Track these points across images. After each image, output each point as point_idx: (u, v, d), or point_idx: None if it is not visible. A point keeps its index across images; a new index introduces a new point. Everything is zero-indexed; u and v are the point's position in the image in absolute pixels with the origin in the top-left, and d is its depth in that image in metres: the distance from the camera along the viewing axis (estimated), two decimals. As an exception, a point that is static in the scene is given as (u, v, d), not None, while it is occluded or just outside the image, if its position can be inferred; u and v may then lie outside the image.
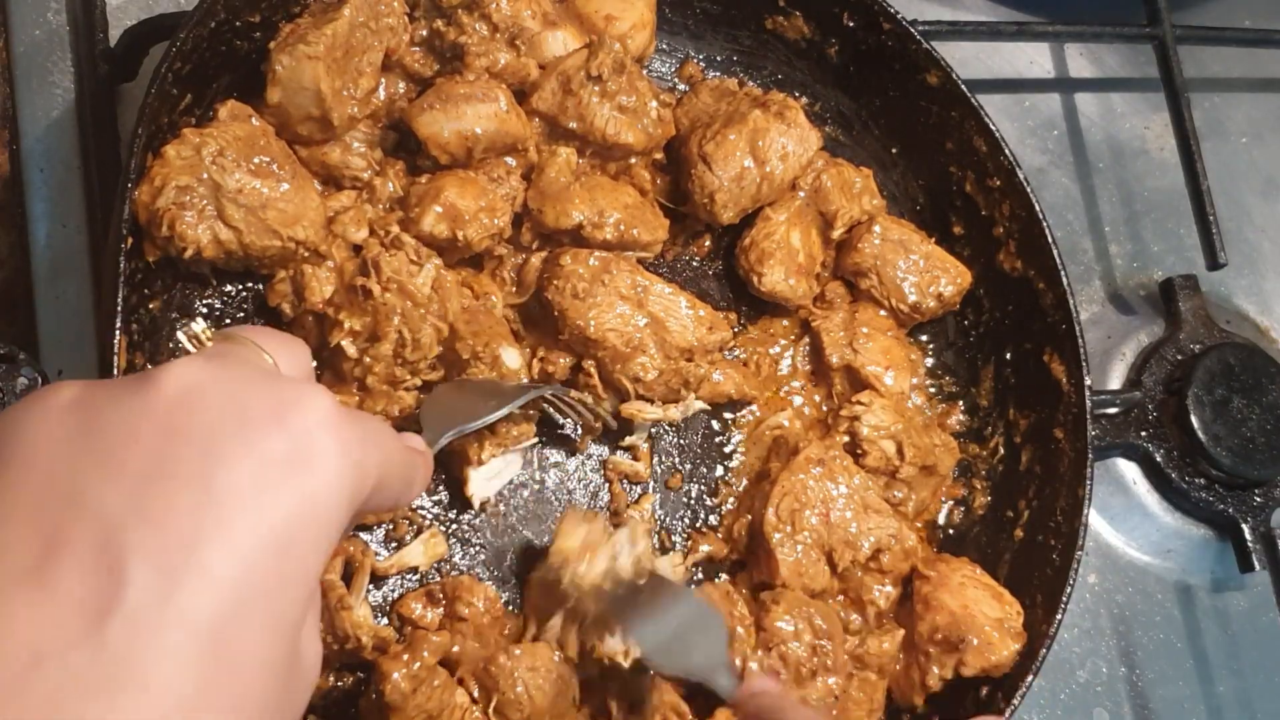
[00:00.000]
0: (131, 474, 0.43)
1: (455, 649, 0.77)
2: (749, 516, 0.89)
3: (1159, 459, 1.04)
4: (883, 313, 0.96)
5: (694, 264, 0.97)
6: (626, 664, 0.76)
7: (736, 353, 0.96)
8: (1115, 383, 1.08)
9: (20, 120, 0.89)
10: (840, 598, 0.88)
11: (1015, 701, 0.83)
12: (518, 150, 0.86)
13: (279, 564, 0.45)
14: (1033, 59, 1.20)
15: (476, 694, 0.77)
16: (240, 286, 0.83)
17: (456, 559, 0.84)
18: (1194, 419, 1.03)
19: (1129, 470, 1.07)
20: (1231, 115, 1.26)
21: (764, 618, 0.82)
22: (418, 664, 0.74)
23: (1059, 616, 0.85)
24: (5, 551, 0.42)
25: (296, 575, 0.46)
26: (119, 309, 0.69)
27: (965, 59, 1.14)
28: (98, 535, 0.42)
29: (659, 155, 0.93)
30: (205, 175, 0.74)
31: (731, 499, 0.92)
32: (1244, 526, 1.04)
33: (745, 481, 0.92)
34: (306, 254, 0.79)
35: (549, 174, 0.87)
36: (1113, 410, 1.04)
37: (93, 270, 0.86)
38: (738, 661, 0.81)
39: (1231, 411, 1.04)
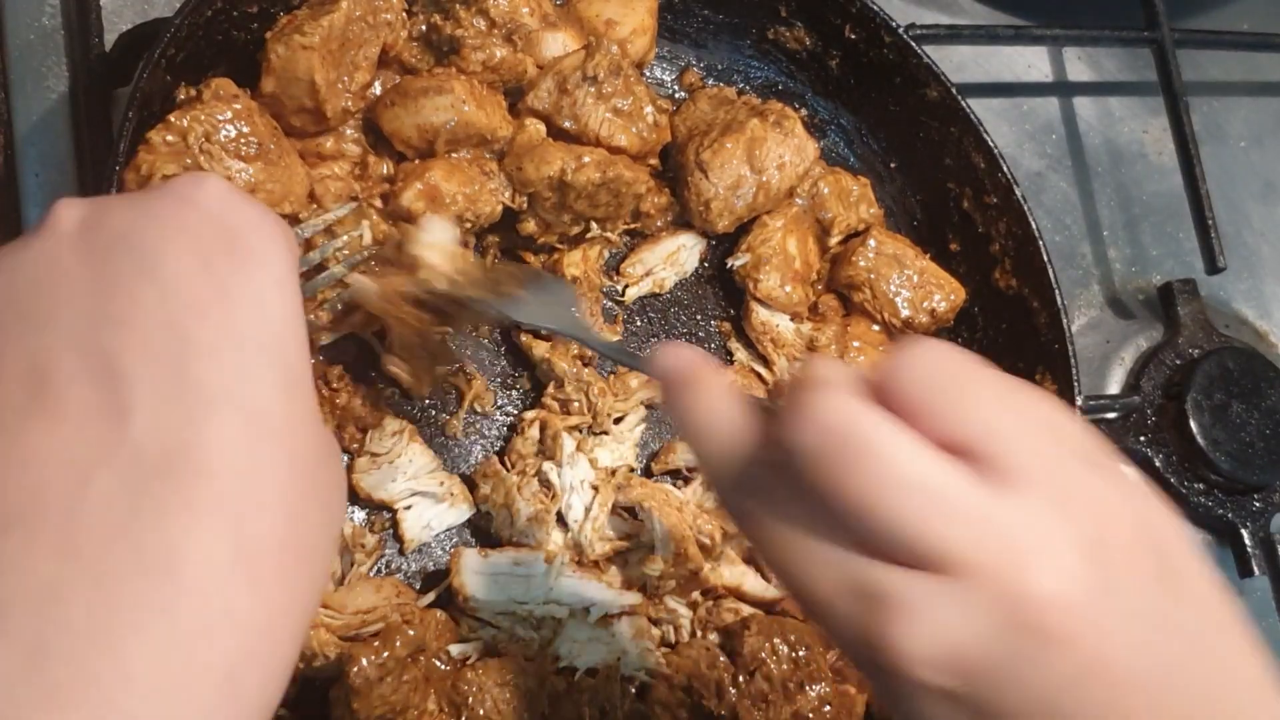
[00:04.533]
0: (74, 293, 0.43)
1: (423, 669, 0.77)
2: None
3: (1158, 464, 1.04)
4: (875, 327, 0.95)
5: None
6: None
7: (739, 354, 0.96)
8: (1114, 388, 1.08)
9: (15, 124, 0.89)
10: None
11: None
12: (488, 141, 0.85)
13: (263, 322, 0.45)
14: (1031, 63, 1.20)
15: (446, 709, 0.77)
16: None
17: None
18: (1193, 424, 1.03)
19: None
20: (1230, 119, 1.25)
21: (739, 646, 0.81)
22: (386, 653, 0.74)
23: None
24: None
25: (285, 322, 0.46)
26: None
27: (963, 63, 1.14)
28: (77, 352, 0.42)
29: (654, 162, 0.93)
30: (191, 162, 0.73)
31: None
32: (1243, 532, 1.04)
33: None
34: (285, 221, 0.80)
35: (520, 139, 0.86)
36: (1111, 415, 1.03)
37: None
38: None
39: (1230, 416, 1.04)
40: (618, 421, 0.89)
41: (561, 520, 0.85)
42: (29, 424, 0.40)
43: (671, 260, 0.94)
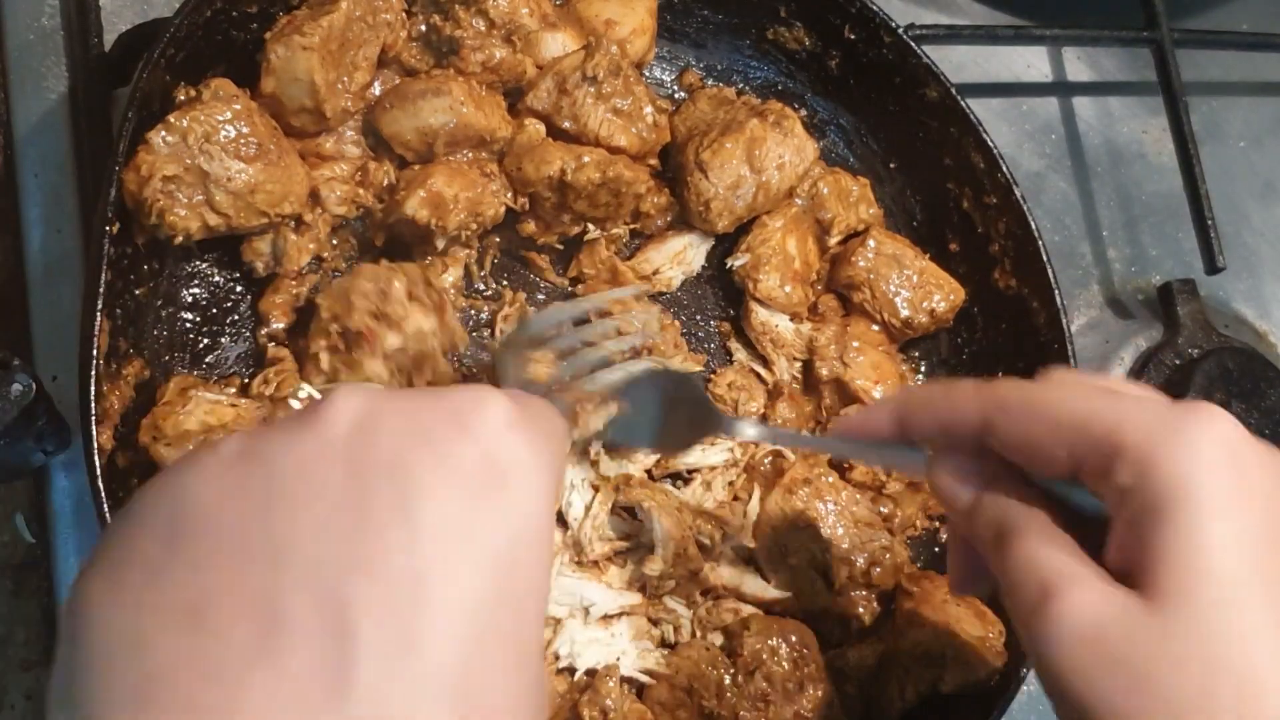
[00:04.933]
0: (328, 521, 0.41)
1: None
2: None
3: (1157, 464, 1.04)
4: (875, 327, 0.95)
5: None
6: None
7: (739, 354, 0.96)
8: (1113, 387, 1.07)
9: (15, 124, 0.89)
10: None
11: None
12: (487, 142, 0.85)
13: (509, 586, 0.43)
14: (1030, 63, 1.20)
15: None
16: (227, 277, 0.84)
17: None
18: (1192, 424, 1.03)
19: (1127, 475, 1.06)
20: (1229, 119, 1.26)
21: (739, 646, 0.82)
22: None
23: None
24: (225, 633, 0.39)
25: (529, 594, 0.44)
26: (101, 291, 0.69)
27: (963, 63, 1.14)
28: (314, 596, 0.40)
29: (654, 162, 0.93)
30: (191, 162, 0.74)
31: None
32: (1242, 532, 1.04)
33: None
34: (291, 223, 0.81)
35: (520, 139, 0.87)
36: (1111, 415, 1.03)
37: (85, 272, 0.86)
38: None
39: (1230, 416, 1.04)
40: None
41: (561, 520, 0.85)
42: (252, 674, 0.39)
43: (679, 259, 0.94)
